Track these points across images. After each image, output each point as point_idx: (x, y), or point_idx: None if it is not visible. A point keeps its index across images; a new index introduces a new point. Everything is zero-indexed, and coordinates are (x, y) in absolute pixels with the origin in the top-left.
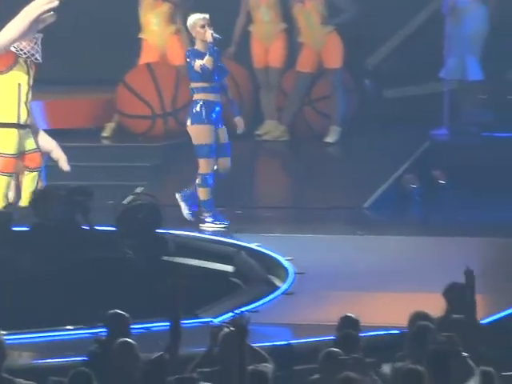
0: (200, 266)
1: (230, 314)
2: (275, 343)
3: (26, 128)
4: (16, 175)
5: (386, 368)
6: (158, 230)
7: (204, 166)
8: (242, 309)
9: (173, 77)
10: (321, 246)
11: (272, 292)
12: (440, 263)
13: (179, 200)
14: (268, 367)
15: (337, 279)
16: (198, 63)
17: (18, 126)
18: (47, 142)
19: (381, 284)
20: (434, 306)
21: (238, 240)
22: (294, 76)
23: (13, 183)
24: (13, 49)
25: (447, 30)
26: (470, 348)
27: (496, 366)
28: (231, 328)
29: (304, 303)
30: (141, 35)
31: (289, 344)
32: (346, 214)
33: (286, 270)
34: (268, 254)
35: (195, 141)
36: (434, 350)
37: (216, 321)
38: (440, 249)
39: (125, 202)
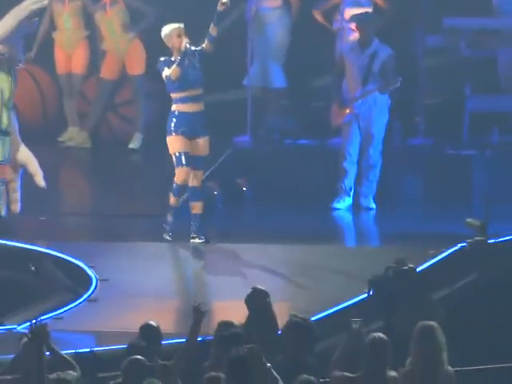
0: (3, 274)
1: (32, 321)
2: (78, 350)
3: (6, 135)
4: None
5: None
6: None
7: (177, 174)
8: (46, 316)
9: None
10: (124, 252)
11: (76, 299)
12: (242, 270)
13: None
14: (71, 374)
15: (140, 286)
16: (164, 73)
17: None
18: (25, 155)
19: (181, 291)
20: (239, 313)
21: (41, 247)
22: (97, 82)
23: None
24: None
25: (250, 37)
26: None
27: None
28: (29, 335)
29: (107, 310)
30: None
31: (92, 351)
32: (148, 222)
33: (89, 277)
34: (71, 261)
35: (170, 150)
36: (232, 358)
37: (19, 328)
38: (242, 256)
39: None
